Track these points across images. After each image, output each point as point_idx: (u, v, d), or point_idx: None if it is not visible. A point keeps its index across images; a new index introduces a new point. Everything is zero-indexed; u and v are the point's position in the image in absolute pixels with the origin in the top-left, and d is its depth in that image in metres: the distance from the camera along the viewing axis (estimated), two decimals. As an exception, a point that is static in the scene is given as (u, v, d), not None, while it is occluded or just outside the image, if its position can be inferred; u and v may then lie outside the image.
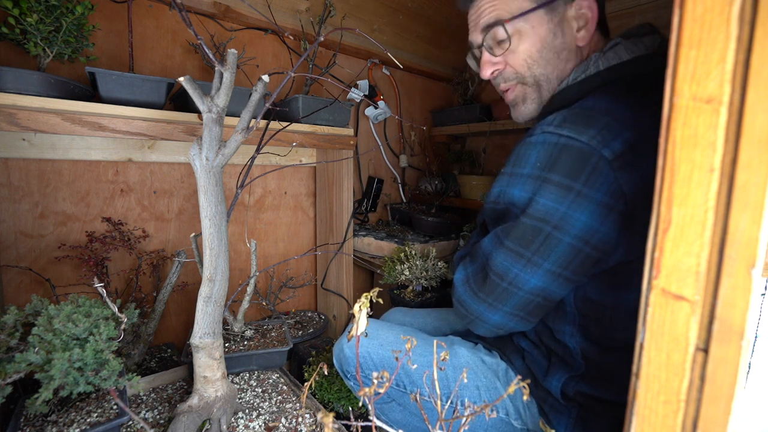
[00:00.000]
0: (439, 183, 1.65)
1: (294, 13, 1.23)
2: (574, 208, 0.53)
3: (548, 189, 0.55)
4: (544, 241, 0.56)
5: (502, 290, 0.61)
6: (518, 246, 0.58)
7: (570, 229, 0.54)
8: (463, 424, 0.36)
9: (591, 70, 0.62)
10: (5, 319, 0.66)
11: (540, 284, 0.58)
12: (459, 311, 0.70)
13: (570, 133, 0.54)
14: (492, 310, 0.63)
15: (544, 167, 0.56)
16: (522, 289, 0.59)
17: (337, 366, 0.81)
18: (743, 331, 0.27)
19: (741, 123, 0.26)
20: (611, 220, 0.53)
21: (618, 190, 0.52)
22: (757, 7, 0.25)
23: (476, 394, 0.70)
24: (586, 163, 0.52)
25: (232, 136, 0.69)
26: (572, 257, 0.55)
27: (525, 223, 0.58)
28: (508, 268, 0.60)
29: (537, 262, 0.57)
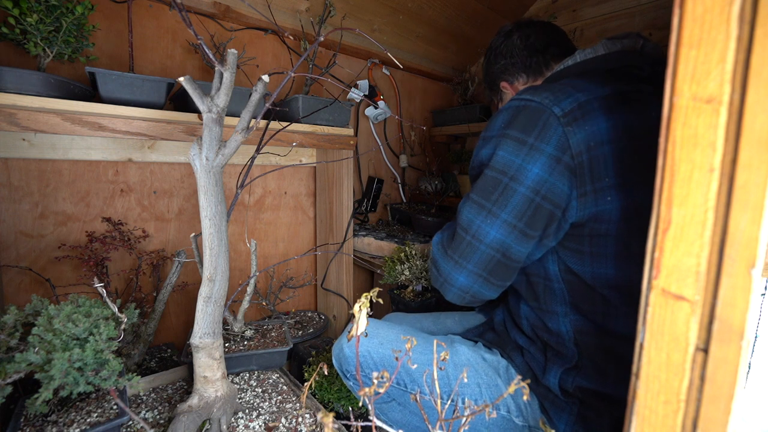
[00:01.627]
0: (439, 183, 1.65)
1: (294, 13, 1.23)
2: (527, 160, 0.60)
3: (506, 143, 0.62)
4: (503, 191, 0.62)
5: (466, 245, 0.66)
6: (481, 198, 0.64)
7: (524, 179, 0.60)
8: (463, 424, 0.36)
9: (569, 62, 0.72)
10: (5, 319, 0.66)
11: (498, 236, 0.63)
12: (432, 274, 0.76)
13: (527, 96, 0.62)
14: (458, 269, 0.68)
15: (505, 126, 0.64)
16: (483, 242, 0.64)
17: (336, 366, 0.81)
18: (743, 331, 0.27)
19: (741, 123, 0.26)
20: (558, 171, 0.58)
21: (565, 143, 0.58)
22: (757, 7, 0.25)
23: (477, 391, 0.70)
24: (539, 119, 0.59)
25: (232, 136, 0.69)
26: (526, 207, 0.61)
27: (487, 175, 0.64)
28: (471, 220, 0.65)
29: (496, 212, 0.62)
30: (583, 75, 0.68)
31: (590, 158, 0.57)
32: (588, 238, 0.61)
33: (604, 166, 0.58)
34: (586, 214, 0.60)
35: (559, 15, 1.48)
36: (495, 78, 0.92)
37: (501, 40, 0.89)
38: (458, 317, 0.97)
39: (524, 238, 0.63)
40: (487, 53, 0.93)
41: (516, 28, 0.87)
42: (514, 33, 0.87)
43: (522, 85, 0.88)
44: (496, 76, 0.92)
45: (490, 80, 0.95)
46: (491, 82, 0.94)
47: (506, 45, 0.87)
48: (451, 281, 0.69)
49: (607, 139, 0.58)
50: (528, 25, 0.87)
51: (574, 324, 0.65)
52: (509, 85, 0.90)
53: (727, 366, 0.27)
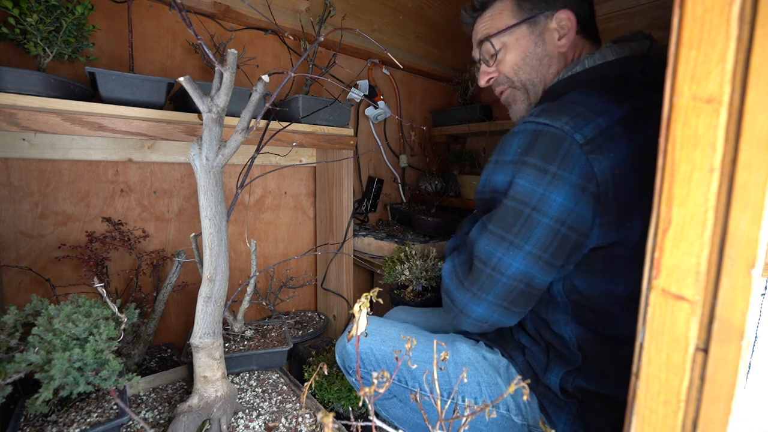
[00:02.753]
0: (439, 183, 1.65)
1: (294, 13, 1.23)
2: (550, 189, 0.57)
3: (526, 171, 0.59)
4: (525, 222, 0.59)
5: (486, 277, 0.63)
6: (500, 229, 0.61)
7: (548, 210, 0.57)
8: (463, 424, 0.36)
9: (577, 68, 0.68)
10: (5, 319, 0.66)
11: (522, 268, 0.60)
12: (445, 303, 0.72)
13: (546, 120, 0.58)
14: (476, 301, 0.64)
15: (523, 152, 0.60)
16: (505, 274, 0.61)
17: (339, 362, 0.81)
18: (743, 331, 0.27)
19: (741, 123, 0.26)
20: (584, 200, 0.56)
21: (590, 172, 0.55)
22: (757, 7, 0.25)
23: (477, 390, 0.70)
24: (560, 146, 0.56)
25: (232, 136, 0.69)
26: (551, 238, 0.58)
27: (507, 206, 0.61)
28: (491, 252, 0.62)
29: (519, 244, 0.59)
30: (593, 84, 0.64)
31: (615, 187, 0.55)
32: (602, 258, 0.60)
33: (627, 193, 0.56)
34: (608, 242, 0.58)
35: (559, 15, 1.48)
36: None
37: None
38: None
39: (549, 268, 0.60)
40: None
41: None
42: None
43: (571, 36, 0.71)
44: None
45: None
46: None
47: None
48: (468, 312, 0.66)
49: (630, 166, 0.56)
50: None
51: (576, 332, 0.65)
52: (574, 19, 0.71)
53: (727, 366, 0.27)
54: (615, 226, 0.57)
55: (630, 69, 0.64)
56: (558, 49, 0.73)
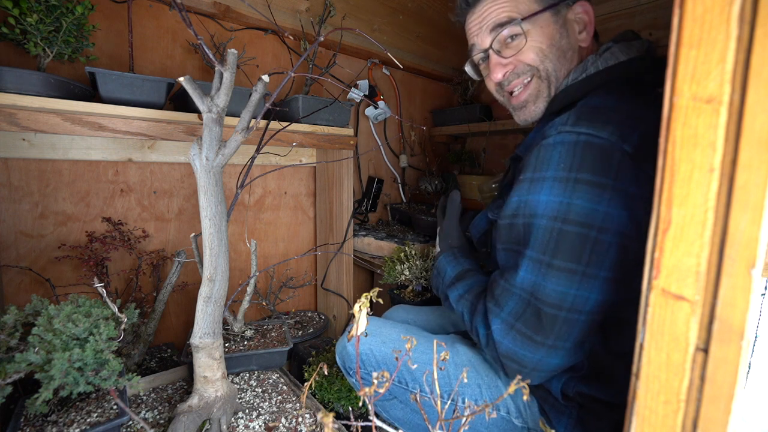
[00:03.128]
0: (439, 183, 1.65)
1: (294, 13, 1.23)
2: (613, 205, 0.52)
3: (582, 189, 0.52)
4: (594, 247, 0.52)
5: (562, 322, 0.54)
6: (568, 262, 0.53)
7: (615, 227, 0.52)
8: (463, 424, 0.36)
9: (590, 70, 0.65)
10: (5, 319, 0.66)
11: (601, 298, 0.53)
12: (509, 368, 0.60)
13: (589, 130, 0.53)
14: (553, 353, 0.56)
15: (570, 168, 0.53)
16: (583, 311, 0.54)
17: (339, 363, 0.81)
18: (743, 331, 0.27)
19: (741, 123, 0.26)
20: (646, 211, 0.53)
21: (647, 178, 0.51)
22: (757, 7, 0.25)
23: (478, 391, 0.70)
24: (611, 158, 0.51)
25: (232, 136, 0.69)
26: (623, 256, 0.52)
27: (567, 232, 0.53)
28: (564, 293, 0.53)
29: (592, 273, 0.53)
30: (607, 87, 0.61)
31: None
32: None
33: None
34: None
35: (559, 15, 1.48)
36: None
37: None
38: None
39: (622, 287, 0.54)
40: None
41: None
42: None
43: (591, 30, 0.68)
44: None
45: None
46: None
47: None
48: (543, 368, 0.58)
49: None
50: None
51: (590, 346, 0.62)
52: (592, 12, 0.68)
53: (727, 366, 0.27)
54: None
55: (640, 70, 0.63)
56: (579, 44, 0.69)
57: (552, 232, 0.54)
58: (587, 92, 0.63)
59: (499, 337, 0.60)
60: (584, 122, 0.54)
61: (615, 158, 0.52)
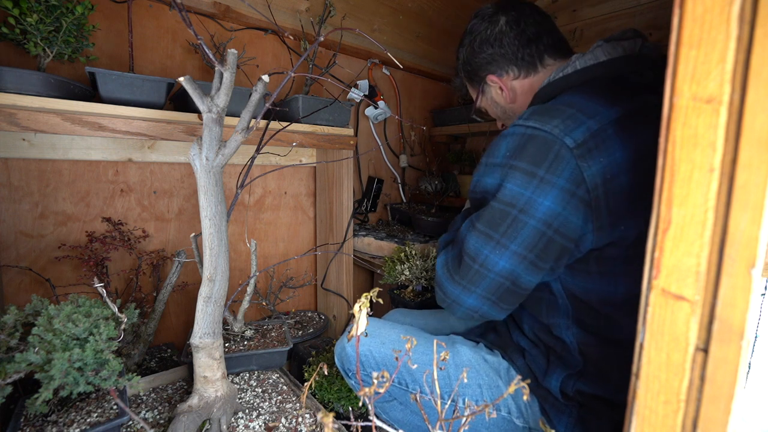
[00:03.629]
0: (439, 183, 1.65)
1: (294, 13, 1.23)
2: (537, 193, 0.57)
3: (515, 175, 0.60)
4: (511, 223, 0.60)
5: (474, 272, 0.65)
6: (488, 228, 0.63)
7: (534, 212, 0.58)
8: (463, 424, 0.36)
9: (569, 69, 0.68)
10: (5, 319, 0.66)
11: (508, 266, 0.62)
12: (438, 295, 0.74)
13: (535, 123, 0.59)
14: (466, 293, 0.67)
15: (511, 156, 0.61)
16: (492, 270, 0.63)
17: (338, 364, 0.81)
18: (743, 331, 0.27)
19: (741, 123, 0.26)
20: (573, 205, 0.56)
21: (579, 177, 0.55)
22: (757, 7, 0.25)
23: (478, 392, 0.70)
24: (549, 150, 0.57)
25: (232, 136, 0.69)
26: (537, 240, 0.59)
27: (494, 207, 0.62)
28: (479, 250, 0.64)
29: (505, 243, 0.61)
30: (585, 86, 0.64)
31: (606, 191, 0.55)
32: (596, 259, 0.60)
33: (621, 197, 0.56)
34: (602, 243, 0.58)
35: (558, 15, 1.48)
36: (478, 69, 0.82)
37: (485, 25, 0.77)
38: None
39: (534, 269, 0.61)
40: (467, 39, 0.81)
41: (501, 11, 0.76)
42: (500, 16, 0.76)
43: (512, 79, 0.79)
44: (480, 67, 0.81)
45: (471, 70, 0.83)
46: (472, 72, 0.83)
47: (493, 32, 0.76)
48: (460, 302, 0.68)
49: (624, 169, 0.55)
50: (513, 7, 0.76)
51: (577, 336, 0.64)
52: (498, 79, 0.80)
53: (727, 366, 0.27)
54: (608, 229, 0.57)
55: (624, 70, 0.64)
56: (506, 101, 0.83)
57: (486, 205, 0.65)
58: (563, 89, 0.66)
59: (437, 267, 0.74)
60: (535, 116, 0.60)
61: (552, 150, 0.57)
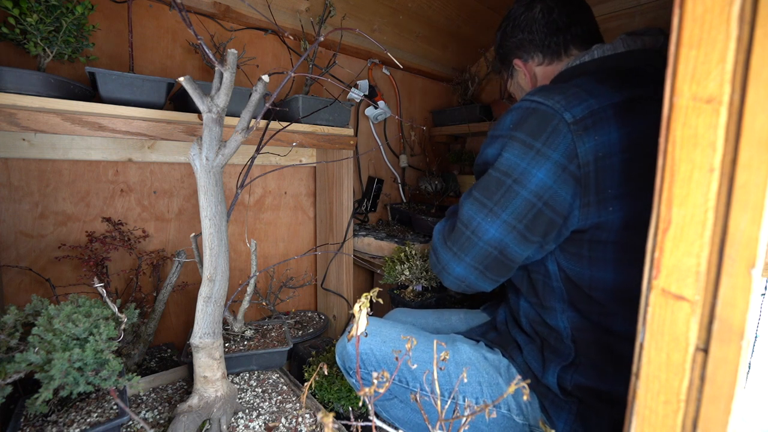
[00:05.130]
0: (439, 183, 1.65)
1: (294, 13, 1.23)
2: (533, 164, 0.59)
3: (513, 145, 0.62)
4: (505, 193, 0.62)
5: (465, 239, 0.67)
6: (483, 196, 0.65)
7: (527, 183, 0.60)
8: (463, 424, 0.36)
9: (586, 57, 0.69)
10: (5, 319, 0.66)
11: (497, 235, 0.63)
12: (431, 260, 0.77)
13: (539, 98, 0.61)
14: (456, 260, 0.69)
15: (513, 127, 0.63)
16: (481, 239, 0.65)
17: (339, 363, 0.81)
18: (743, 331, 0.27)
19: (741, 123, 0.26)
20: (563, 179, 0.58)
21: (573, 152, 0.57)
22: (757, 7, 0.25)
23: (479, 390, 0.71)
24: (548, 123, 0.58)
25: (232, 136, 0.69)
26: (527, 211, 0.61)
27: (491, 176, 0.64)
28: (472, 216, 0.66)
29: (496, 212, 0.63)
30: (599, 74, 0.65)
31: (597, 169, 0.56)
32: (588, 243, 0.61)
33: (611, 177, 0.56)
34: (588, 224, 0.59)
35: (559, 15, 1.48)
36: (508, 53, 0.85)
37: (521, 10, 0.80)
38: (463, 315, 0.98)
39: (523, 241, 0.62)
40: (504, 23, 0.84)
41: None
42: (537, 4, 0.78)
43: (536, 65, 0.81)
44: (509, 50, 0.84)
45: (503, 53, 0.87)
46: (504, 55, 0.87)
47: (526, 17, 0.78)
48: (449, 270, 0.70)
49: (617, 150, 0.56)
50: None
51: (572, 321, 0.66)
52: (523, 64, 0.83)
53: (727, 366, 0.27)
54: (595, 208, 0.58)
55: (640, 62, 0.65)
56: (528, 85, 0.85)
57: (484, 174, 0.67)
58: (578, 75, 0.68)
59: (434, 233, 0.78)
60: (541, 92, 0.62)
61: (551, 124, 0.58)
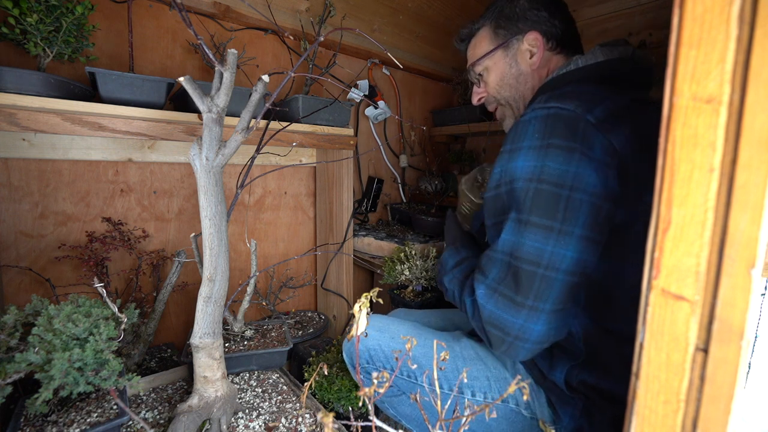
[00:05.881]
0: (439, 183, 1.65)
1: (294, 13, 1.23)
2: (582, 165, 0.55)
3: (554, 153, 0.56)
4: (567, 204, 0.55)
5: (540, 279, 0.56)
6: (544, 218, 0.56)
7: (585, 186, 0.55)
8: (463, 424, 0.36)
9: (572, 66, 0.72)
10: (5, 319, 0.66)
11: (576, 255, 0.56)
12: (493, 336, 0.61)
13: (556, 104, 0.59)
14: (534, 317, 0.57)
15: (542, 136, 0.58)
16: (560, 269, 0.56)
17: (347, 360, 0.82)
18: (743, 331, 0.27)
19: (741, 123, 0.26)
20: (611, 176, 0.56)
21: (610, 147, 0.56)
22: (757, 7, 0.25)
23: (487, 384, 0.72)
24: (576, 126, 0.57)
25: (232, 136, 0.69)
26: (596, 215, 0.56)
27: (542, 190, 0.56)
28: (541, 249, 0.56)
29: (567, 230, 0.55)
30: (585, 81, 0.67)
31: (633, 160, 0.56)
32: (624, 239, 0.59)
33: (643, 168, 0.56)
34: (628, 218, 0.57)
35: (559, 15, 1.48)
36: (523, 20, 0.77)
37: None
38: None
39: (597, 248, 0.57)
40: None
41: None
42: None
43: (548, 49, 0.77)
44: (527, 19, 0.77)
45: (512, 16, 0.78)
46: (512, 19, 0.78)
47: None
48: (527, 335, 0.57)
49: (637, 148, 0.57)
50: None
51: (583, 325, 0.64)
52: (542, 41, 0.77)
53: (727, 366, 0.27)
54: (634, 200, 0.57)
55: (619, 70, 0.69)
56: (531, 67, 0.79)
57: (528, 191, 0.58)
58: (567, 84, 0.70)
59: (482, 301, 0.61)
60: (553, 100, 0.60)
61: (579, 126, 0.56)
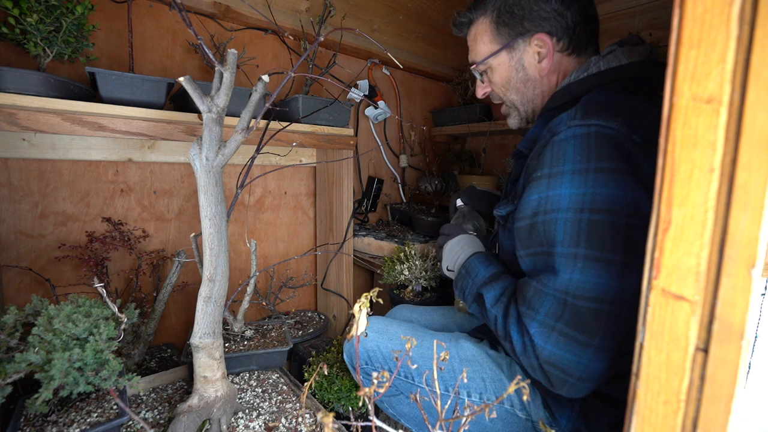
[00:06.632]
0: (439, 183, 1.65)
1: (294, 13, 1.23)
2: (636, 189, 0.51)
3: (603, 177, 0.51)
4: (627, 234, 0.50)
5: (606, 317, 0.51)
6: (604, 252, 0.51)
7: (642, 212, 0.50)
8: (463, 424, 0.36)
9: (592, 69, 0.67)
10: (5, 319, 0.66)
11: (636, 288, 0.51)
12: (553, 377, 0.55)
13: (599, 121, 0.53)
14: (599, 355, 0.52)
15: (588, 158, 0.53)
16: (624, 305, 0.51)
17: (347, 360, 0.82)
18: (743, 331, 0.27)
19: (741, 123, 0.26)
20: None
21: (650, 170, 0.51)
22: (757, 7, 0.25)
23: (482, 386, 0.71)
24: (623, 147, 0.52)
25: (232, 136, 0.69)
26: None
27: (597, 221, 0.51)
28: (606, 285, 0.51)
29: (630, 262, 0.50)
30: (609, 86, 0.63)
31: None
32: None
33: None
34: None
35: (559, 15, 1.48)
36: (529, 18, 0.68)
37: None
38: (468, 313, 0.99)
39: None
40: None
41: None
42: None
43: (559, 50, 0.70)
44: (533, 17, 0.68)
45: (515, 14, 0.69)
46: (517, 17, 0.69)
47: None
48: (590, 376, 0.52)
49: None
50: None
51: None
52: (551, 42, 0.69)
53: (727, 366, 0.27)
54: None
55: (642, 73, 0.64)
56: (540, 73, 0.72)
57: (581, 223, 0.52)
58: (588, 90, 0.65)
59: (541, 342, 0.55)
60: (593, 115, 0.54)
61: (626, 147, 0.52)
